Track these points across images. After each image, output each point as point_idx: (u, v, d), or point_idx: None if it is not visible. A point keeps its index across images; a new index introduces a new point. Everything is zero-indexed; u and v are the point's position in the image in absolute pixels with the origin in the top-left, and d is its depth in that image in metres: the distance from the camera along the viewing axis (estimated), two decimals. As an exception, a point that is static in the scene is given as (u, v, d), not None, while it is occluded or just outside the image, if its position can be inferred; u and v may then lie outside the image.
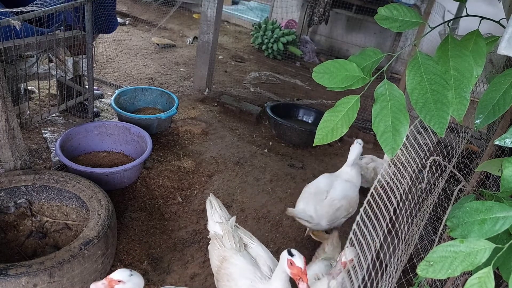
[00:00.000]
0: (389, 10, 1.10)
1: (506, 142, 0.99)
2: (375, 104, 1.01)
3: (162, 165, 3.13)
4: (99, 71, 4.64)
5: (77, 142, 2.96)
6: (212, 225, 2.07)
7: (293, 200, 3.11)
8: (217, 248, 1.96)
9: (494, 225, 0.95)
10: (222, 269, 1.89)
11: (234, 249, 1.91)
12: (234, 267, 1.84)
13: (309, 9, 6.30)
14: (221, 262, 1.91)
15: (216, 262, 1.95)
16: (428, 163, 1.42)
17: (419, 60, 0.98)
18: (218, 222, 2.03)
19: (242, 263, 1.84)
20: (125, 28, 6.35)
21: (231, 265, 1.86)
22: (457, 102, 0.94)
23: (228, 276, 1.84)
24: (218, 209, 2.09)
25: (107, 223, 2.03)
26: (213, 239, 2.03)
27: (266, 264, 1.88)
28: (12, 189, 2.23)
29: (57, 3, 2.61)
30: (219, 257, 1.94)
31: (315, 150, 3.93)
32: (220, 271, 1.90)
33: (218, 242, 1.97)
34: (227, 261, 1.89)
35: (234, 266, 1.84)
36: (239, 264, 1.85)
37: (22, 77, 2.63)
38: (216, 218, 2.06)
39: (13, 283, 1.65)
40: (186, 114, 4.03)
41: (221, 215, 2.06)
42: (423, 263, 0.97)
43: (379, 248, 1.11)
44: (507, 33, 0.95)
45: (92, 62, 2.99)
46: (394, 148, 0.96)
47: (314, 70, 1.12)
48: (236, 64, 5.82)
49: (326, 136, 1.07)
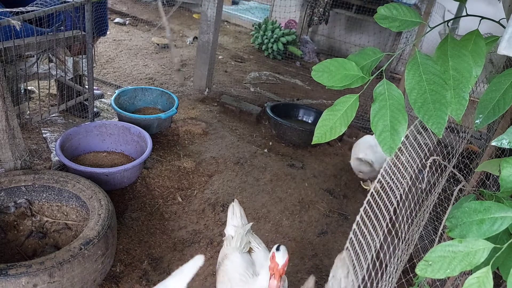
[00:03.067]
0: (389, 10, 1.10)
1: (503, 143, 0.99)
2: (374, 103, 1.01)
3: (162, 165, 3.13)
4: (99, 71, 4.64)
5: (77, 142, 2.96)
6: (228, 229, 2.10)
7: (293, 200, 3.12)
8: (225, 246, 2.01)
9: (493, 225, 0.95)
10: (221, 265, 1.94)
11: (236, 248, 1.94)
12: (231, 263, 1.88)
13: (309, 9, 6.30)
14: (222, 260, 1.95)
15: (219, 260, 2.00)
16: (428, 163, 1.42)
17: (418, 60, 0.98)
18: (234, 226, 2.06)
19: (238, 260, 1.88)
20: (125, 28, 6.35)
21: (228, 261, 1.90)
22: (456, 102, 0.94)
23: (224, 272, 1.88)
24: (238, 214, 2.11)
25: (107, 223, 2.03)
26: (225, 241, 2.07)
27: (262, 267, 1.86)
28: (12, 189, 2.23)
29: (57, 3, 2.61)
30: (221, 255, 1.99)
31: (315, 150, 3.93)
32: (220, 268, 1.95)
33: (227, 242, 2.01)
34: (227, 258, 1.93)
35: (230, 263, 1.88)
36: (235, 260, 1.88)
37: (22, 77, 2.63)
38: (234, 222, 2.08)
39: (13, 283, 1.65)
40: (186, 114, 4.03)
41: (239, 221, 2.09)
42: (422, 262, 0.97)
43: (379, 248, 1.11)
44: (507, 33, 0.95)
45: (92, 62, 2.99)
46: (392, 147, 0.96)
47: (313, 68, 1.12)
48: (236, 64, 5.83)
49: (325, 135, 1.07)
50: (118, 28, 6.24)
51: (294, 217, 2.95)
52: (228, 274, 1.84)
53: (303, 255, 2.64)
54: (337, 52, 6.99)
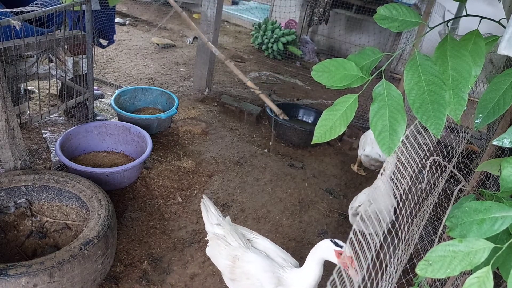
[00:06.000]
0: (388, 10, 1.10)
1: (504, 143, 0.99)
2: (373, 103, 1.01)
3: (162, 165, 3.13)
4: (99, 71, 4.64)
5: (77, 142, 2.96)
6: (209, 227, 2.07)
7: (293, 200, 3.12)
8: (224, 248, 1.96)
9: (493, 225, 0.95)
10: (236, 268, 1.90)
11: (242, 247, 1.92)
12: (250, 264, 1.87)
13: (309, 9, 6.30)
14: (233, 262, 1.91)
15: (227, 262, 1.94)
16: (428, 163, 1.42)
17: (417, 60, 0.98)
18: (216, 224, 2.05)
19: (256, 259, 1.87)
20: (125, 28, 6.35)
21: (245, 263, 1.88)
22: (455, 102, 0.94)
23: (247, 274, 1.86)
24: (213, 210, 2.10)
25: (107, 223, 2.03)
26: (213, 240, 2.03)
27: (278, 255, 1.93)
28: (12, 189, 2.23)
29: (57, 3, 2.61)
30: (229, 257, 1.94)
31: (315, 150, 3.93)
32: (235, 270, 1.90)
33: (223, 242, 1.97)
34: (240, 259, 1.89)
35: (249, 264, 1.87)
36: (253, 260, 1.87)
37: (22, 77, 2.63)
38: (214, 220, 2.07)
39: (13, 283, 1.65)
40: (186, 114, 4.03)
41: (217, 216, 2.07)
42: (422, 262, 0.97)
43: (379, 248, 1.11)
44: (507, 33, 0.95)
45: (92, 62, 2.99)
46: (391, 147, 0.96)
47: (313, 68, 1.12)
48: (236, 64, 5.81)
49: (324, 135, 1.07)
50: (118, 28, 6.23)
51: (294, 217, 2.95)
52: (255, 275, 1.84)
53: (303, 255, 2.64)
54: (337, 52, 6.99)
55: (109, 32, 3.39)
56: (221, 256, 1.97)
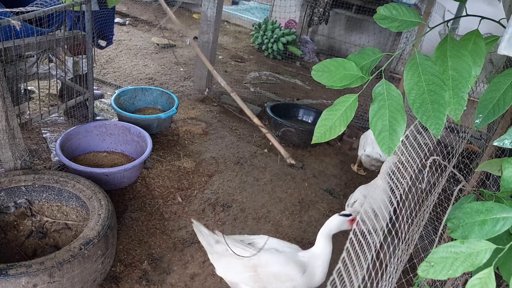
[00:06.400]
0: (388, 10, 1.10)
1: (505, 143, 0.99)
2: (373, 103, 1.01)
3: (162, 165, 3.13)
4: (99, 71, 4.64)
5: (77, 142, 2.96)
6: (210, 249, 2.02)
7: (293, 200, 3.12)
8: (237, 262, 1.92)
9: (495, 226, 0.95)
10: (261, 274, 1.90)
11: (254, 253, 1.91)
12: (271, 265, 1.90)
13: (309, 9, 6.30)
14: (255, 270, 1.90)
15: (247, 274, 1.91)
16: (428, 163, 1.42)
17: (417, 60, 0.98)
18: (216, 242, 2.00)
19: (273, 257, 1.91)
20: (125, 28, 6.35)
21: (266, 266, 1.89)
22: (455, 102, 0.94)
23: (274, 275, 1.89)
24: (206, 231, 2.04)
25: (107, 223, 2.03)
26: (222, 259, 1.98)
27: (284, 246, 1.99)
28: (12, 189, 2.23)
29: (57, 3, 2.61)
30: (247, 268, 1.91)
31: (315, 150, 3.93)
32: (261, 277, 1.90)
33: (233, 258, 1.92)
34: (259, 266, 1.89)
35: (270, 265, 1.90)
36: (272, 259, 1.91)
37: (22, 77, 2.63)
38: (211, 240, 2.02)
39: (13, 283, 1.65)
40: (186, 114, 4.03)
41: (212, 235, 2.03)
42: (424, 263, 0.97)
43: (379, 248, 1.11)
44: (507, 33, 0.95)
45: (92, 62, 2.99)
46: (391, 147, 0.96)
47: (313, 68, 1.12)
48: (236, 64, 5.83)
49: (324, 135, 1.07)
50: (118, 28, 6.24)
51: (294, 217, 2.95)
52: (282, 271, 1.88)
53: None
54: (337, 52, 6.99)
55: (107, 33, 3.38)
56: (238, 271, 1.93)
